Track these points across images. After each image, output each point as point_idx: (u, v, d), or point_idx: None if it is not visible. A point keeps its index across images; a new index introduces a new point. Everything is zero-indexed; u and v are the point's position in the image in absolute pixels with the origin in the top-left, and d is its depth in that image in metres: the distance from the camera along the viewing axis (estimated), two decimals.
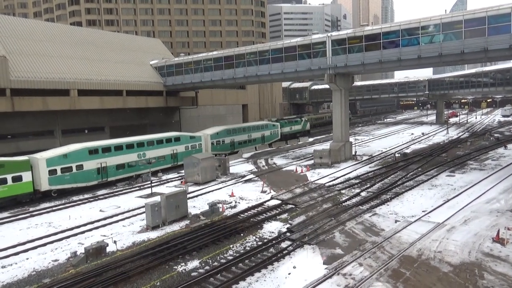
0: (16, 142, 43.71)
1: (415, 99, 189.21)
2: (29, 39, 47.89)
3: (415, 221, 24.62)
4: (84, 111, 49.41)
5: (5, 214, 30.52)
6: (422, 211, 26.70)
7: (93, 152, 37.63)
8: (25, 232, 26.21)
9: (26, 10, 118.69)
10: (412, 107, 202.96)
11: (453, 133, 75.99)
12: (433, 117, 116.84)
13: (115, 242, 22.56)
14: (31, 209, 32.02)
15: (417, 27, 38.58)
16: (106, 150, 38.93)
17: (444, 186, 33.59)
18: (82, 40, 55.03)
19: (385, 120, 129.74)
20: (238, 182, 39.00)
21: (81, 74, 48.28)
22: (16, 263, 20.95)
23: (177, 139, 47.47)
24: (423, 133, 78.22)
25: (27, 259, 21.51)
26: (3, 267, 20.54)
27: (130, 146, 41.48)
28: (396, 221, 24.91)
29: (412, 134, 79.21)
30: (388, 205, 28.83)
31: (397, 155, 50.23)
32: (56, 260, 21.03)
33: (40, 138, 46.21)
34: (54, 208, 31.86)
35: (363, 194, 32.06)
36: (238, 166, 48.12)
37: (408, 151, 54.69)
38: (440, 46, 37.53)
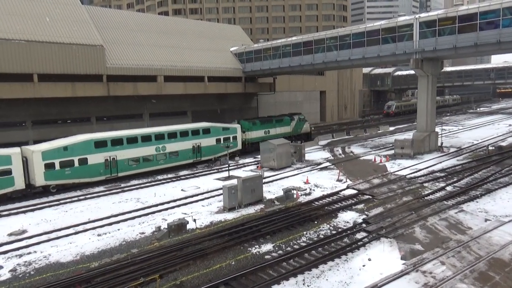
0: (111, 123, 48.16)
1: None
2: (122, 28, 51.95)
3: (509, 221, 22.30)
4: (169, 96, 52.54)
5: (101, 188, 33.99)
6: None
7: None
8: (117, 205, 28.95)
9: (120, 2, 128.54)
10: (511, 95, 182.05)
11: None
12: None
13: (194, 220, 23.89)
14: (122, 185, 35.24)
15: None
16: None
17: None
18: (168, 29, 58.18)
19: (478, 109, 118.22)
20: (314, 170, 38.69)
21: (167, 61, 51.25)
22: (109, 232, 23.29)
23: None
24: None
25: (118, 229, 23.77)
26: (99, 235, 22.99)
27: None
28: (486, 220, 22.82)
29: (510, 125, 71.26)
30: (477, 202, 26.46)
31: (490, 148, 45.62)
32: (142, 233, 22.96)
33: (131, 121, 50.29)
34: (142, 186, 34.69)
35: (449, 188, 29.77)
36: (314, 154, 47.64)
37: (504, 144, 49.36)
38: None
